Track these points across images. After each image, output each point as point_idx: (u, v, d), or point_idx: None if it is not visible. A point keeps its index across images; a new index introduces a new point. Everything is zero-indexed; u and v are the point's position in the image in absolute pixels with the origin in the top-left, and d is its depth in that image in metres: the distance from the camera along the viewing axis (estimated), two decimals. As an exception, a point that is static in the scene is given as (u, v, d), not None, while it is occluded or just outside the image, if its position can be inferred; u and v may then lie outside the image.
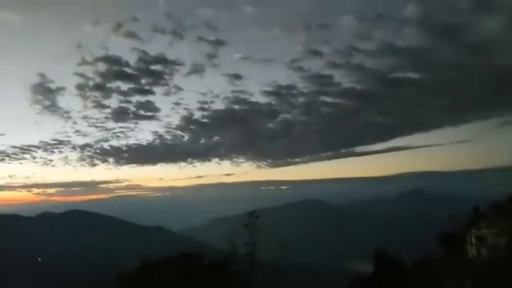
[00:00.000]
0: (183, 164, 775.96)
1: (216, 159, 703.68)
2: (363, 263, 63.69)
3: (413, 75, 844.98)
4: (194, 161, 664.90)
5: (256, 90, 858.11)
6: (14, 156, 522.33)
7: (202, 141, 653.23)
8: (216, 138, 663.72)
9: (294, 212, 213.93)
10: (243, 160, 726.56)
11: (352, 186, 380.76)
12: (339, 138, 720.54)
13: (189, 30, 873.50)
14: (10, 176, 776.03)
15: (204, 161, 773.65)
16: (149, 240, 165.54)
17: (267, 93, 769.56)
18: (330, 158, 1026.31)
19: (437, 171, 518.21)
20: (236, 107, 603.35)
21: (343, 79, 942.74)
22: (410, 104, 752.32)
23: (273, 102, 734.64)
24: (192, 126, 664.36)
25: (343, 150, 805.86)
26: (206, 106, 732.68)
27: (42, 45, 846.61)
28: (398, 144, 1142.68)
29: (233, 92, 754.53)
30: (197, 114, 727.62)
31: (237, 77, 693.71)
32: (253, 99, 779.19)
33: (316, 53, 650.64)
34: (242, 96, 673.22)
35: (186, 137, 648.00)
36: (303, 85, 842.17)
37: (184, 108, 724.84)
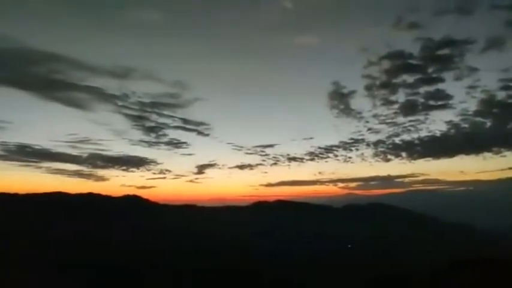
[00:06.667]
0: (487, 154, 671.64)
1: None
2: None
3: None
4: (502, 149, 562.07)
5: None
6: (321, 155, 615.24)
7: (511, 125, 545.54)
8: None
9: None
10: None
11: None
12: None
13: (478, 2, 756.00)
14: (319, 173, 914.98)
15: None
16: (453, 237, 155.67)
17: None
18: None
19: None
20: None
21: None
22: None
23: None
24: (494, 110, 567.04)
25: None
26: (511, 84, 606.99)
27: (333, 57, 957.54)
28: None
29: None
30: (500, 95, 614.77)
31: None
32: None
33: None
34: None
35: (489, 123, 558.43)
36: None
37: (482, 91, 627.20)
